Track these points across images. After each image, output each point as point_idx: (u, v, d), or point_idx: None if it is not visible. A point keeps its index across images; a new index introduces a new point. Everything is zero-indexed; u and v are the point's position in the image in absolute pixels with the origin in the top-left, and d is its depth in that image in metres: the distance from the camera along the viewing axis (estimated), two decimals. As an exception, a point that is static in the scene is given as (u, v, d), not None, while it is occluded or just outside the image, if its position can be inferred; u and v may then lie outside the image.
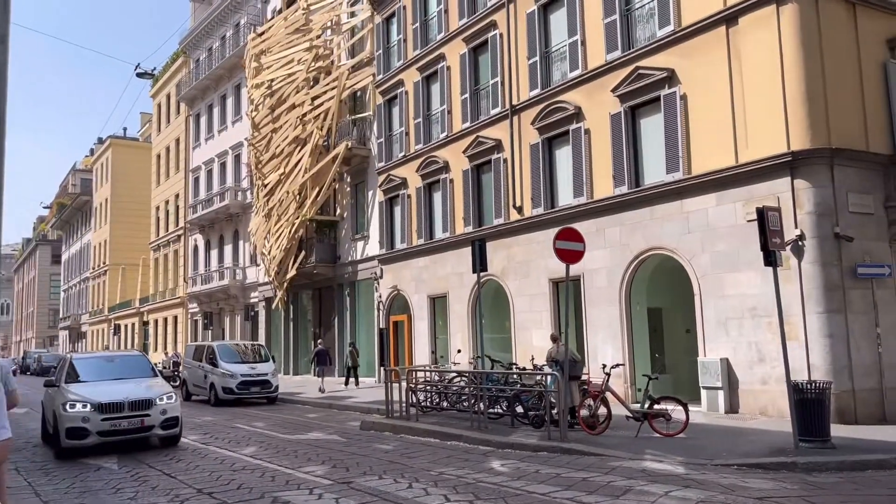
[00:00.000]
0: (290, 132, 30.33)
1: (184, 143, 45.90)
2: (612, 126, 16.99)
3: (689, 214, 15.11)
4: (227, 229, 39.32)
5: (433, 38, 24.03)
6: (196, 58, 44.55)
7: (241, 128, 37.64)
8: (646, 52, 16.19)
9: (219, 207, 38.09)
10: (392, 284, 25.43)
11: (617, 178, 16.79)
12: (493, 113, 20.88)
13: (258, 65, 32.53)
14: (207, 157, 42.02)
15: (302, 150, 29.69)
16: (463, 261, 20.50)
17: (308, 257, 29.70)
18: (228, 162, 39.60)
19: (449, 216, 22.62)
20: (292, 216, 29.83)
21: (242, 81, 37.13)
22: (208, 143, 42.37)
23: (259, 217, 32.67)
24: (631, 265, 16.41)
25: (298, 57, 30.52)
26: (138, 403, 11.95)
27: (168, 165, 49.16)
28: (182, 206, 45.49)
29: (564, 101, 18.35)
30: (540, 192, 19.09)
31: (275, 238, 30.89)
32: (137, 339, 53.29)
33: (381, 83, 26.68)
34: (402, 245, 25.05)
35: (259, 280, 35.01)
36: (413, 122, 24.76)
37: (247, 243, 36.70)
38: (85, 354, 15.40)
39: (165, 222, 49.12)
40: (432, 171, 23.50)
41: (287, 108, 30.76)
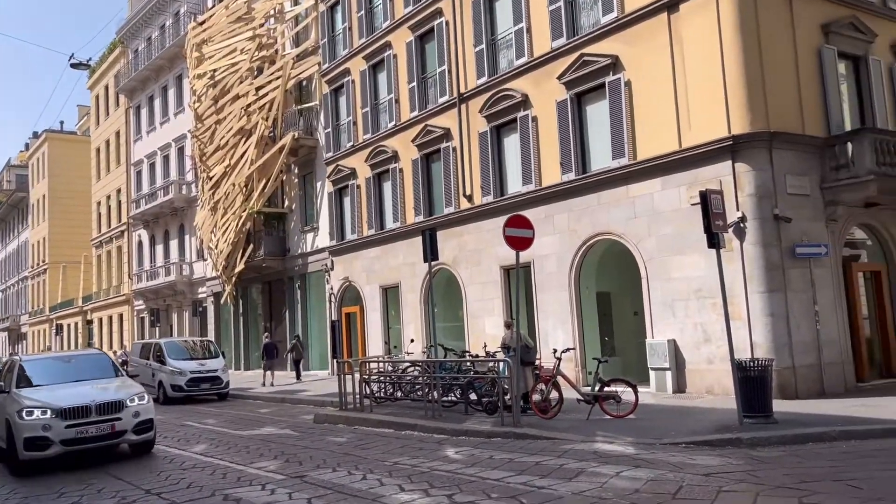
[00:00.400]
0: (234, 123, 29.77)
1: (124, 136, 44.64)
2: (558, 113, 17.12)
3: (634, 199, 15.35)
4: (173, 224, 38.46)
5: (379, 26, 23.82)
6: (134, 48, 43.29)
7: (183, 119, 36.78)
8: (590, 39, 16.34)
9: (163, 202, 37.23)
10: (343, 276, 25.25)
11: (564, 165, 16.95)
12: (441, 101, 20.83)
13: (200, 55, 31.80)
14: (150, 150, 40.97)
15: (247, 141, 29.19)
16: (414, 250, 20.45)
17: (256, 250, 29.27)
18: (172, 155, 38.69)
19: (399, 206, 22.53)
20: (239, 209, 29.34)
21: (184, 72, 36.25)
22: (150, 135, 41.30)
23: (205, 211, 32.04)
24: (579, 250, 16.61)
25: (241, 46, 29.95)
26: (107, 406, 10.63)
27: (108, 159, 47.77)
28: (125, 200, 44.30)
29: (511, 89, 18.41)
30: (489, 181, 19.15)
31: (222, 232, 30.35)
32: (81, 338, 51.83)
33: (326, 72, 26.35)
34: (353, 236, 24.86)
35: (207, 275, 34.36)
36: (360, 111, 24.54)
37: (193, 238, 35.97)
38: (36, 356, 13.93)
39: (107, 218, 47.77)
40: (381, 161, 23.35)
41: (231, 99, 30.18)
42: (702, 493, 6.73)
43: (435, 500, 7.13)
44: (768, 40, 13.89)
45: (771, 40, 13.93)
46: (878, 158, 13.69)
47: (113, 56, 46.36)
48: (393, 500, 7.26)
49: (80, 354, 13.32)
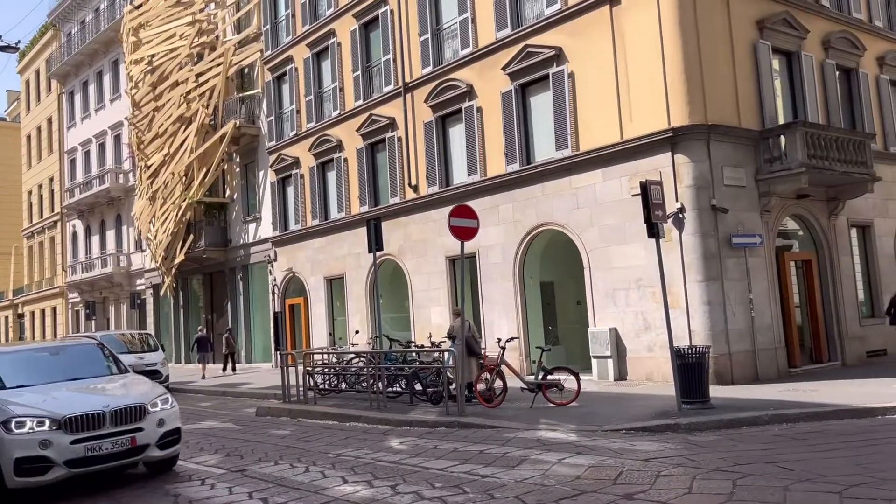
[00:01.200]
0: (173, 111, 28.97)
1: (57, 123, 43.01)
2: (503, 104, 17.17)
3: (577, 190, 15.52)
4: (109, 214, 37.27)
5: (322, 14, 23.45)
6: (67, 31, 41.68)
7: (120, 106, 35.62)
8: (534, 31, 16.41)
9: (99, 191, 36.05)
10: (287, 267, 24.88)
11: (509, 156, 17.02)
12: (387, 91, 20.66)
13: (137, 39, 30.81)
14: (84, 138, 39.55)
15: (187, 129, 28.45)
16: (359, 241, 20.28)
17: (197, 241, 28.60)
18: (108, 142, 37.44)
19: (344, 196, 22.30)
20: (179, 199, 28.61)
21: (120, 57, 35.08)
22: (84, 122, 39.87)
23: (143, 200, 31.14)
24: (524, 241, 16.72)
25: (180, 31, 29.15)
26: (125, 413, 8.01)
27: (40, 147, 45.95)
28: (58, 189, 42.72)
29: (456, 79, 18.38)
30: (435, 171, 19.10)
31: (161, 222, 29.56)
32: (12, 332, 49.91)
33: (269, 59, 25.83)
34: (297, 226, 24.51)
35: (145, 266, 33.43)
36: (304, 99, 24.16)
37: (131, 228, 34.95)
38: (11, 347, 10.57)
39: (39, 207, 46.00)
40: (325, 150, 23.05)
41: (170, 86, 29.36)
42: (641, 477, 6.85)
43: (378, 490, 7.08)
44: (706, 35, 14.18)
45: (709, 35, 14.23)
46: (809, 151, 14.16)
47: (45, 39, 44.59)
48: (335, 491, 7.18)
49: (70, 345, 10.29)
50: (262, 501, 7.03)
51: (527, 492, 6.64)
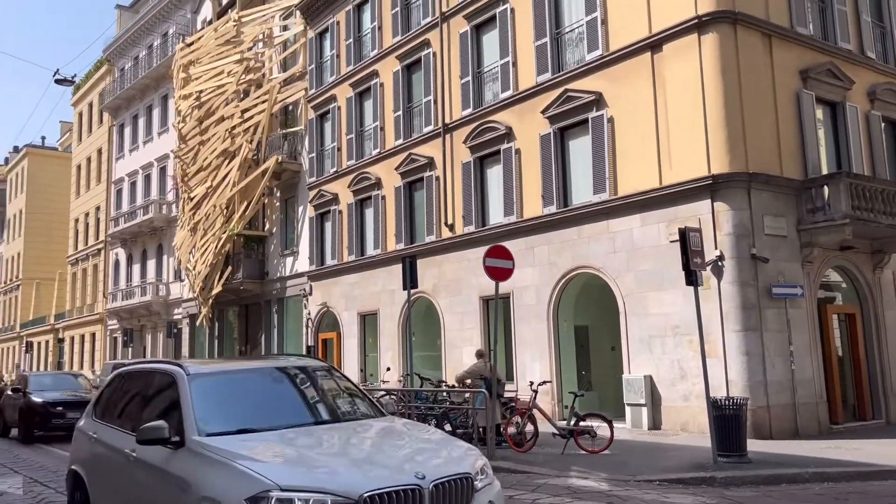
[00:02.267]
0: (218, 145, 29.69)
1: (106, 154, 44.36)
2: (541, 146, 17.26)
3: (614, 234, 15.44)
4: (151, 243, 38.09)
5: (367, 55, 23.99)
6: (121, 66, 43.24)
7: (167, 139, 36.65)
8: (575, 76, 16.55)
9: (142, 220, 36.90)
10: (321, 301, 25.06)
11: (546, 198, 17.04)
12: (426, 131, 20.94)
13: (186, 75, 31.80)
14: (131, 169, 40.70)
15: (230, 163, 29.09)
16: (394, 278, 20.36)
17: (235, 273, 29.02)
18: (153, 174, 38.46)
19: (380, 233, 22.50)
20: (219, 231, 29.13)
21: (170, 92, 36.20)
22: (133, 154, 41.07)
23: (184, 231, 31.78)
24: (559, 283, 16.63)
25: (228, 69, 29.99)
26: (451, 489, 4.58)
27: (89, 176, 47.38)
28: (103, 218, 43.87)
29: (496, 121, 18.56)
30: (471, 211, 19.20)
31: (200, 253, 30.07)
32: (52, 356, 50.89)
33: (313, 98, 26.43)
34: (333, 261, 24.75)
35: (183, 296, 33.96)
36: (345, 137, 24.60)
37: (171, 258, 35.61)
38: (210, 367, 6.43)
39: (85, 235, 47.24)
40: (364, 188, 23.36)
41: (216, 121, 30.14)
42: (675, 532, 6.67)
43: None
44: (748, 83, 14.15)
45: (751, 83, 14.20)
46: (854, 202, 13.91)
47: (99, 73, 46.29)
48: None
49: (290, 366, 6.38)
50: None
51: (556, 541, 6.49)
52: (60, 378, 19.54)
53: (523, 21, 18.12)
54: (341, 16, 25.25)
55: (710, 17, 14.07)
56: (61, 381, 18.64)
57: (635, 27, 15.34)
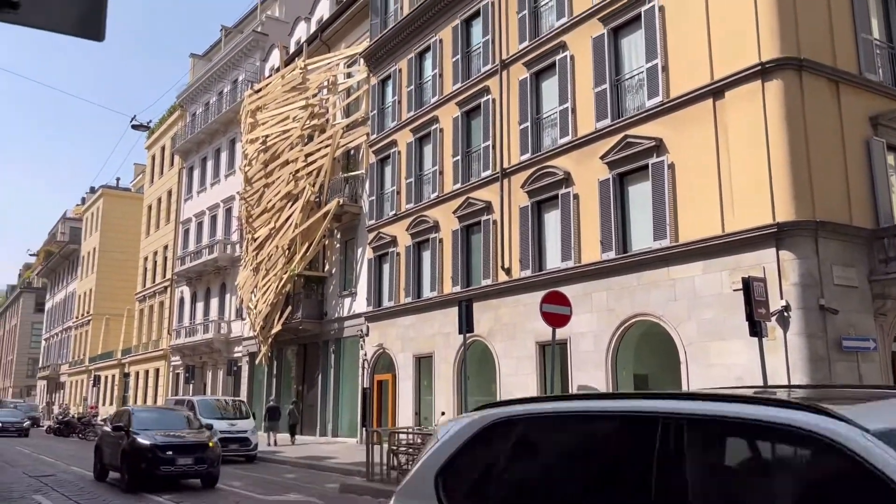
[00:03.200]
0: (282, 187, 30.49)
1: (176, 195, 46.05)
2: (600, 192, 17.18)
3: (675, 282, 15.15)
4: (215, 282, 39.12)
5: (427, 101, 24.47)
6: (192, 112, 45.12)
7: (233, 181, 37.85)
8: (635, 122, 16.50)
9: (207, 260, 37.99)
10: (378, 342, 25.21)
11: (605, 244, 16.89)
12: (484, 175, 21.12)
13: (254, 120, 32.94)
14: (198, 210, 42.11)
15: (293, 205, 29.81)
16: (450, 320, 20.38)
17: (294, 313, 29.49)
18: (219, 215, 39.69)
19: (437, 275, 22.62)
20: (280, 271, 29.75)
21: (237, 136, 37.53)
22: (200, 195, 42.53)
23: (247, 271, 32.55)
24: (617, 331, 16.35)
25: (294, 114, 30.96)
26: None
27: (159, 217, 49.20)
28: (170, 257, 45.34)
29: (554, 166, 18.60)
30: (528, 255, 19.16)
31: (262, 292, 30.72)
32: (117, 390, 52.34)
33: (374, 142, 27.02)
34: (390, 303, 24.94)
35: (244, 334, 34.64)
36: (405, 181, 24.99)
37: (233, 297, 36.46)
38: None
39: (153, 273, 48.84)
40: (422, 231, 23.61)
41: (280, 164, 31.01)
42: None
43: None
44: (815, 130, 13.85)
45: (817, 130, 13.90)
46: (929, 252, 13.36)
47: (172, 119, 48.39)
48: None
49: None
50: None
51: None
52: (166, 415, 16.72)
53: (583, 68, 18.24)
54: (403, 64, 25.90)
55: (774, 63, 13.91)
56: (168, 419, 16.02)
57: (697, 73, 15.26)
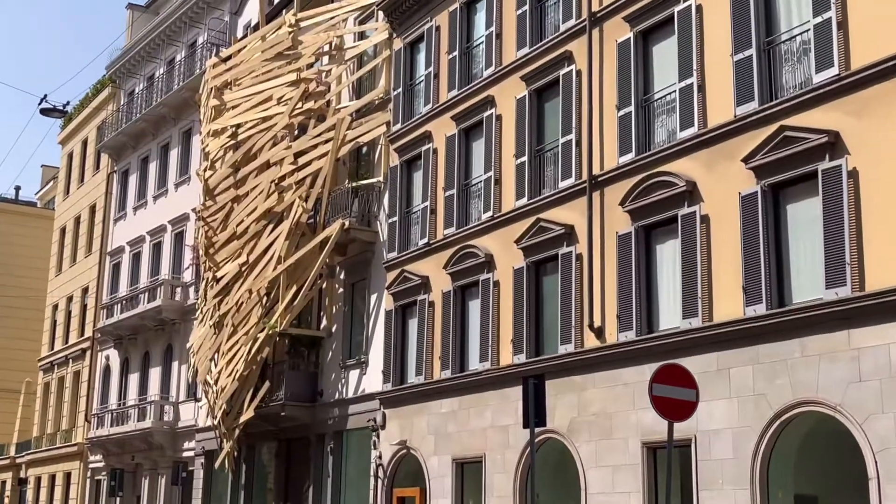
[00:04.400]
0: (259, 202, 30.78)
1: (102, 213, 46.91)
2: (742, 212, 17.03)
3: (860, 352, 14.89)
4: (156, 344, 39.62)
5: (478, 74, 24.70)
6: (129, 90, 46.21)
7: (187, 193, 38.46)
8: (795, 106, 16.39)
9: (146, 310, 38.52)
10: (399, 439, 25.17)
11: (749, 293, 16.69)
12: (563, 186, 21.14)
13: (220, 103, 33.47)
14: (135, 235, 42.85)
15: (276, 229, 30.08)
16: (509, 408, 20.23)
17: (274, 392, 29.61)
18: (165, 242, 40.32)
19: (491, 338, 22.57)
20: (255, 328, 29.96)
21: (195, 126, 38.23)
22: (138, 213, 43.32)
23: (205, 327, 32.89)
24: (770, 427, 16.06)
25: (279, 94, 31.40)
26: None
27: (76, 244, 50.15)
28: (92, 305, 46.04)
29: (670, 173, 18.52)
30: (631, 307, 19.02)
31: (226, 360, 30.92)
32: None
33: (397, 136, 27.31)
34: (417, 378, 24.94)
35: (198, 423, 34.93)
36: (443, 194, 25.14)
37: (183, 366, 36.84)
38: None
39: (65, 329, 49.67)
40: (468, 269, 23.66)
41: (258, 168, 31.35)
42: None
43: None
44: None
45: None
46: None
47: (99, 99, 49.45)
48: None
49: None
50: None
51: None
52: None
53: (715, 28, 18.24)
54: (442, 18, 26.24)
55: None
56: None
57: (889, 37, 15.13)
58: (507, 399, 20.82)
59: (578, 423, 19.78)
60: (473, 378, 22.91)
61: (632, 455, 18.49)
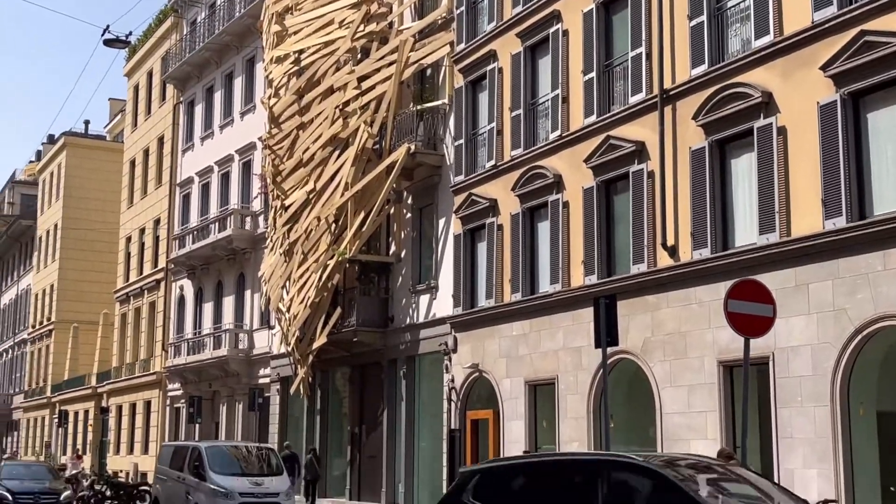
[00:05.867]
0: (324, 129, 30.83)
1: (170, 144, 47.43)
2: (821, 122, 16.61)
3: (947, 263, 14.55)
4: (229, 273, 40.19)
5: (543, -12, 24.25)
6: (192, 19, 46.26)
7: (253, 122, 38.61)
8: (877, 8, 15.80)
9: (217, 240, 39.00)
10: (471, 362, 25.35)
11: (829, 205, 16.35)
12: (633, 101, 20.82)
13: (281, 28, 33.43)
14: (203, 166, 43.28)
15: (341, 156, 30.13)
16: (581, 329, 20.22)
17: (346, 318, 29.93)
18: (234, 172, 40.65)
19: (561, 259, 22.50)
20: (324, 255, 30.19)
21: (258, 53, 38.23)
22: (205, 143, 43.69)
23: (275, 255, 33.23)
24: (850, 342, 15.85)
25: (340, 17, 31.21)
26: None
27: (146, 176, 50.85)
28: (164, 237, 46.78)
29: (745, 84, 18.11)
30: (705, 225, 18.77)
31: (297, 288, 31.27)
32: (92, 433, 54.53)
33: (461, 56, 27.04)
34: (488, 302, 25.01)
35: (272, 350, 35.52)
36: (510, 114, 24.92)
37: (256, 294, 37.35)
38: None
39: (139, 260, 50.58)
40: (537, 190, 23.51)
41: (321, 94, 31.35)
42: None
43: None
44: None
45: None
46: None
47: (162, 29, 49.66)
48: None
49: None
50: None
51: None
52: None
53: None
54: (505, -68, 25.71)
55: None
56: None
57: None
58: (579, 320, 20.79)
59: (652, 342, 19.73)
60: (544, 300, 22.90)
61: (707, 374, 18.42)
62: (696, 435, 18.43)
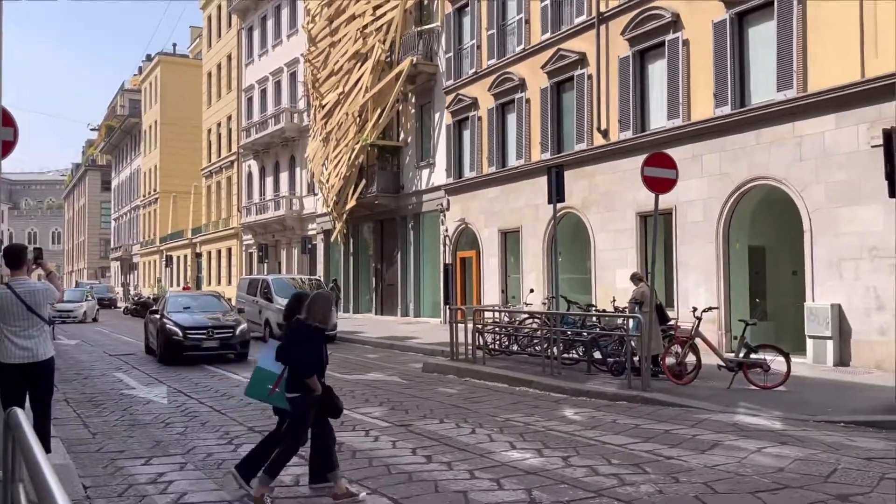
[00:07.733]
0: (349, 46, 30.24)
1: (236, 60, 46.45)
2: (714, 36, 16.25)
3: (801, 139, 14.46)
4: (283, 155, 39.97)
5: (510, -64, 23.26)
6: (249, -37, 44.55)
7: (297, 42, 37.77)
8: (759, -53, 15.27)
9: (273, 131, 38.68)
10: (459, 217, 25.48)
11: (718, 97, 16.15)
12: (578, 22, 20.26)
13: (315, -30, 32.31)
14: (261, 76, 42.48)
15: (362, 66, 29.62)
16: (539, 191, 20.27)
17: (369, 187, 29.97)
18: (284, 80, 39.96)
19: (524, 141, 22.33)
20: (352, 141, 30.01)
21: (298, -10, 37.03)
22: (262, 59, 42.76)
23: (316, 142, 33.02)
24: (731, 197, 15.93)
25: (359, -40, 30.12)
26: None
27: (219, 84, 49.96)
28: (235, 129, 46.36)
29: (660, 7, 17.62)
30: (629, 114, 18.58)
31: (333, 165, 31.23)
32: (190, 271, 55.44)
33: (450, -11, 26.15)
34: (472, 173, 24.95)
35: (317, 210, 35.64)
36: (486, 33, 24.29)
37: (304, 170, 37.28)
38: None
39: (217, 147, 50.26)
40: (506, 90, 23.13)
41: (346, 20, 30.62)
42: (860, 477, 6.43)
43: (548, 460, 7.21)
44: None
45: None
46: None
47: (226, -28, 47.88)
48: (502, 457, 7.40)
49: None
50: (426, 458, 7.42)
51: (717, 479, 6.47)
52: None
53: None
54: None
55: None
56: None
57: None
58: (537, 186, 20.78)
59: (590, 200, 19.81)
60: (512, 171, 22.85)
61: (628, 222, 18.59)
62: (620, 265, 18.69)
